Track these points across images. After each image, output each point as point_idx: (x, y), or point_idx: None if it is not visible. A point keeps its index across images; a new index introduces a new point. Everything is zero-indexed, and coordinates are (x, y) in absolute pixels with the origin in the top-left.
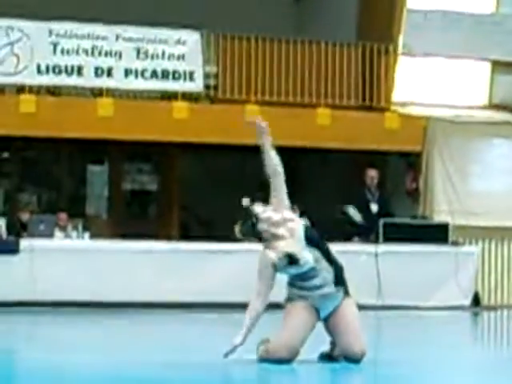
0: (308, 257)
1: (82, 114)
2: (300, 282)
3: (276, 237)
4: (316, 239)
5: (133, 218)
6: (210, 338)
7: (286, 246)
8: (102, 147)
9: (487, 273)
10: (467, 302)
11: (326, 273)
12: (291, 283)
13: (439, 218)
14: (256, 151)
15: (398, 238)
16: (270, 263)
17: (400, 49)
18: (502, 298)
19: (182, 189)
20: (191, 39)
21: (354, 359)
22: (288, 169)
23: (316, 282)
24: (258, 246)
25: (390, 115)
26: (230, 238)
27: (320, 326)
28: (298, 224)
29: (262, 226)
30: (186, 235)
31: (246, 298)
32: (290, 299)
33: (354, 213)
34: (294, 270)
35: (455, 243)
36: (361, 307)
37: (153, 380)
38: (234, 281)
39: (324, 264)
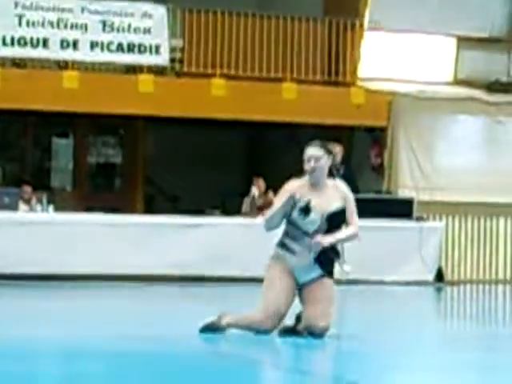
0: (318, 221)
1: (48, 87)
2: (288, 238)
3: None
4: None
5: (98, 191)
6: (173, 311)
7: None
8: (67, 120)
9: (451, 248)
10: (431, 277)
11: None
12: (280, 242)
13: (404, 193)
14: (220, 125)
15: (363, 213)
16: (291, 193)
17: (366, 24)
18: (465, 273)
19: (147, 162)
20: (157, 13)
21: (316, 332)
22: (253, 143)
23: (296, 247)
24: (223, 220)
25: (355, 90)
26: (195, 211)
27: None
28: (343, 200)
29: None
30: (151, 209)
31: (212, 271)
32: (273, 257)
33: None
34: (297, 218)
35: (419, 218)
36: None
37: (116, 353)
38: (200, 254)
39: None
